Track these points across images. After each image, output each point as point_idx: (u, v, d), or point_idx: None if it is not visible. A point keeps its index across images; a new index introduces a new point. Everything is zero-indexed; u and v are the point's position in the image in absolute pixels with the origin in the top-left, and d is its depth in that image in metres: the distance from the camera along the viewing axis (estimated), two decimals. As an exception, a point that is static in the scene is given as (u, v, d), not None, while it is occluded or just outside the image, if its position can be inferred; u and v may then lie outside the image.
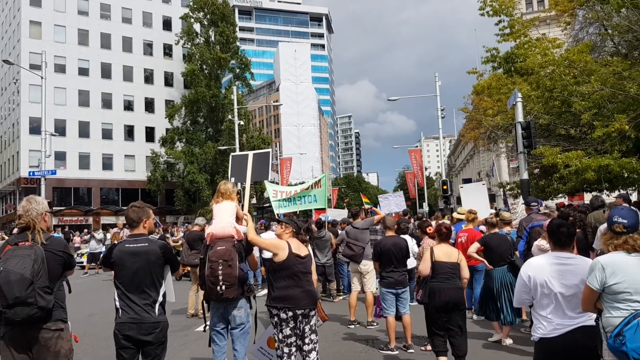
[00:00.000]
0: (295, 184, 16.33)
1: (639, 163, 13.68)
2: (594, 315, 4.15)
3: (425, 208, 48.13)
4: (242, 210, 5.54)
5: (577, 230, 7.80)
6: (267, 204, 40.05)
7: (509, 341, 7.87)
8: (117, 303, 4.49)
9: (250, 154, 6.68)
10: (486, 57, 20.07)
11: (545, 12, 24.46)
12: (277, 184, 46.87)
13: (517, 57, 17.81)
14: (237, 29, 60.35)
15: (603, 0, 15.56)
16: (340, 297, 12.91)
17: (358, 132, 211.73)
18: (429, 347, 7.14)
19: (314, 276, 5.53)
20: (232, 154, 7.09)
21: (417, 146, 59.38)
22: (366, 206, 17.94)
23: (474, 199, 13.35)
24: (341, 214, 19.93)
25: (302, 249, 5.28)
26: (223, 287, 4.99)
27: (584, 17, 20.98)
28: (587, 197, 19.83)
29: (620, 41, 17.86)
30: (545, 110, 16.64)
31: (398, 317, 7.87)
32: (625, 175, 14.67)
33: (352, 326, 9.69)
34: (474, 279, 9.51)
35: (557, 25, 23.84)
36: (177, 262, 4.82)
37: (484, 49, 19.47)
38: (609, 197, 16.45)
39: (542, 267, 4.16)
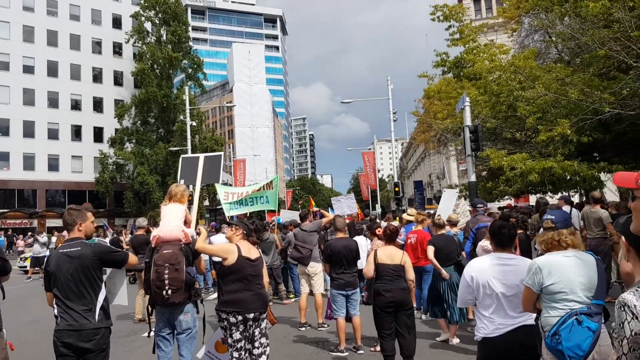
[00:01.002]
0: (249, 186, 16.21)
1: (580, 166, 14.24)
2: (534, 315, 4.29)
3: (378, 209, 48.69)
4: (191, 213, 5.47)
5: (520, 232, 8.05)
6: (220, 206, 39.63)
7: (455, 340, 8.03)
8: (55, 310, 4.34)
9: (202, 156, 6.61)
10: (436, 62, 20.55)
11: (493, 19, 25.16)
12: (231, 185, 46.36)
13: (466, 62, 18.29)
14: (190, 28, 59.44)
15: (547, 8, 16.15)
16: (292, 299, 12.89)
17: (312, 134, 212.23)
18: (378, 348, 7.21)
19: (266, 279, 5.49)
20: (183, 155, 7.00)
21: (370, 148, 59.90)
22: (314, 209, 17.98)
23: (448, 204, 13.52)
24: (293, 215, 19.90)
25: (252, 252, 5.23)
26: (169, 292, 4.89)
27: (529, 25, 21.72)
28: (533, 199, 20.50)
29: (563, 48, 18.58)
30: (492, 115, 17.12)
31: (348, 318, 7.91)
32: (568, 177, 15.24)
33: (303, 328, 9.69)
34: (422, 280, 9.67)
35: (504, 32, 24.60)
36: (120, 259, 4.65)
37: (434, 54, 19.94)
38: (552, 199, 17.06)
39: (484, 267, 4.26)
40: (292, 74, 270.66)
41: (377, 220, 14.83)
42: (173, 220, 5.20)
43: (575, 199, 20.64)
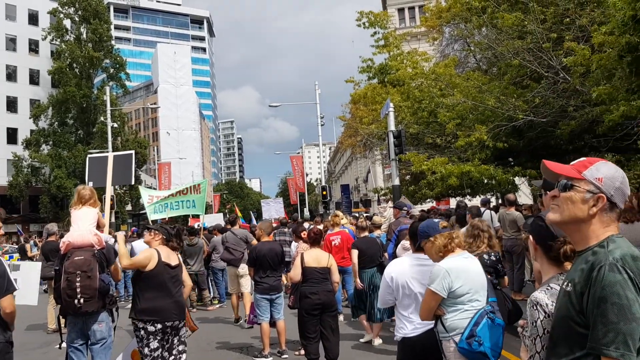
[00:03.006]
0: (174, 190, 15.82)
1: (496, 170, 14.89)
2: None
3: (306, 213, 48.86)
4: (104, 217, 5.23)
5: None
6: (143, 211, 38.43)
7: (378, 341, 8.16)
8: None
9: (110, 155, 6.32)
10: (362, 67, 20.90)
11: (416, 28, 25.92)
12: (155, 189, 45.10)
13: (390, 68, 18.70)
14: (112, 27, 57.37)
15: (466, 19, 16.83)
16: (216, 305, 12.66)
17: (240, 138, 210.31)
18: (302, 352, 7.20)
19: (188, 283, 5.37)
20: (90, 155, 6.68)
21: (299, 152, 60.12)
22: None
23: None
24: (218, 220, 19.58)
25: (172, 258, 5.10)
26: (81, 300, 4.66)
27: (450, 34, 22.56)
28: (453, 202, 21.24)
29: (481, 58, 19.41)
30: (415, 120, 17.60)
31: (272, 323, 7.86)
32: (485, 181, 15.89)
33: (237, 324, 10.26)
34: (343, 280, 9.80)
35: (426, 41, 25.39)
36: None
37: (360, 60, 20.27)
38: (471, 201, 17.75)
39: (404, 268, 4.35)
40: (219, 76, 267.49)
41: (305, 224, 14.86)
42: (84, 225, 4.95)
43: (492, 201, 21.57)
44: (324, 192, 32.46)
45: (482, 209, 11.45)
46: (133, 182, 7.46)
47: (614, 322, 1.77)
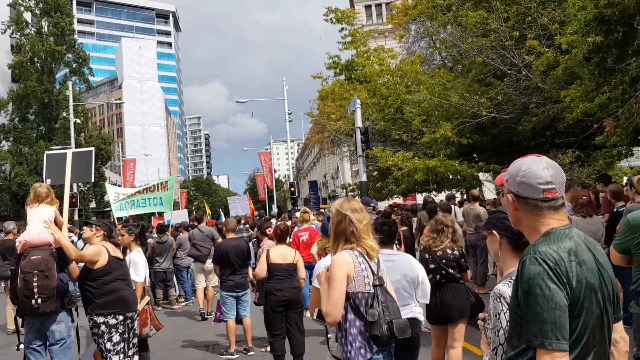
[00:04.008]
0: (140, 187, 15.57)
1: (461, 165, 15.13)
2: (416, 309, 4.47)
3: (275, 209, 48.75)
4: (63, 216, 5.11)
5: (404, 228, 8.38)
6: (108, 208, 37.69)
7: (344, 337, 8.18)
8: None
9: (69, 152, 6.16)
10: (329, 64, 20.92)
11: (383, 25, 26.07)
12: (120, 186, 44.36)
13: (357, 65, 18.78)
14: (75, 20, 56.01)
15: (432, 16, 17.02)
16: (182, 303, 12.53)
17: (208, 134, 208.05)
18: (269, 349, 7.19)
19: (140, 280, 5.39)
20: (47, 152, 6.49)
21: (267, 149, 59.85)
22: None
23: None
24: (184, 216, 19.35)
25: (117, 252, 5.07)
26: (39, 301, 4.55)
27: (416, 32, 22.79)
28: (420, 198, 21.49)
29: (446, 55, 19.68)
30: (381, 117, 17.74)
31: (239, 320, 7.81)
32: (450, 176, 16.14)
33: (201, 316, 10.44)
34: (311, 277, 9.79)
35: (393, 38, 25.60)
36: None
37: (327, 56, 20.28)
38: (436, 197, 17.99)
39: (368, 264, 4.37)
40: (186, 72, 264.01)
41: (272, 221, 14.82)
42: (41, 223, 4.82)
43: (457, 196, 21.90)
44: (292, 189, 32.44)
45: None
46: (93, 180, 7.29)
47: (539, 313, 1.82)
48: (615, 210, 7.31)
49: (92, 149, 6.66)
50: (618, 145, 9.51)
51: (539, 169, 2.00)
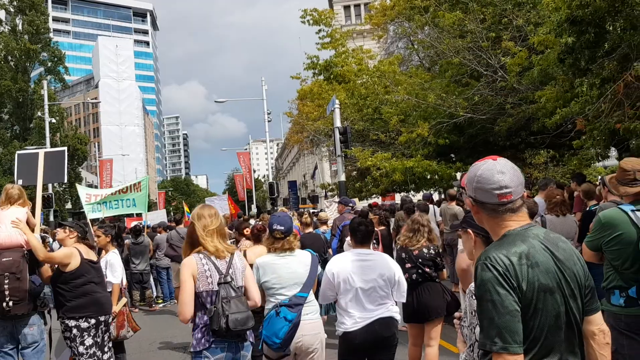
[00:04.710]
0: (113, 188, 15.35)
1: (440, 165, 15.26)
2: (393, 307, 4.50)
3: (254, 209, 48.55)
4: (35, 217, 5.03)
5: (382, 228, 8.43)
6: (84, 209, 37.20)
7: (323, 336, 8.18)
8: None
9: (41, 152, 6.04)
10: (308, 64, 20.92)
11: (361, 26, 26.15)
12: (96, 187, 43.70)
13: (335, 65, 18.82)
14: (50, 19, 55.13)
15: (410, 17, 17.12)
16: (160, 305, 12.42)
17: (186, 134, 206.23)
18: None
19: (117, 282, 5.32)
20: (18, 152, 6.36)
21: (246, 149, 59.55)
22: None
23: None
24: (161, 217, 19.16)
25: (91, 254, 5.00)
26: (10, 303, 4.47)
27: (394, 32, 22.90)
28: (399, 198, 21.63)
29: (424, 56, 19.81)
30: (360, 117, 17.80)
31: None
32: (428, 176, 16.25)
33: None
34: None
35: (372, 38, 25.69)
36: None
37: (306, 56, 20.27)
38: (415, 197, 18.12)
39: (345, 264, 4.40)
40: (164, 71, 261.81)
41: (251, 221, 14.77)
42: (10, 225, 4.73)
43: (435, 196, 22.09)
44: (272, 189, 32.36)
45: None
46: (66, 180, 7.16)
47: (490, 318, 1.86)
48: (588, 209, 7.45)
49: (65, 148, 6.54)
50: (594, 147, 9.66)
51: (493, 174, 2.02)
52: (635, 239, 3.57)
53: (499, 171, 2.01)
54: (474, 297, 2.40)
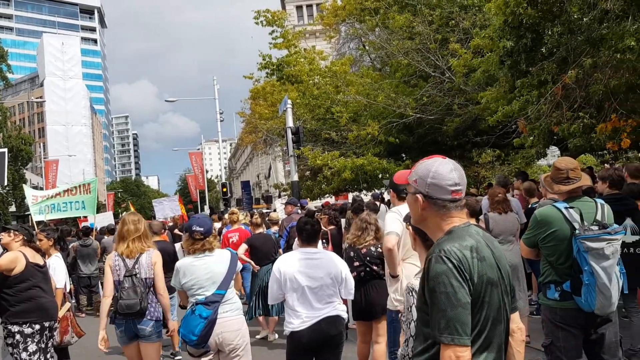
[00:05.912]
0: (59, 189, 14.91)
1: (390, 164, 15.49)
2: (339, 306, 4.56)
3: (207, 210, 47.97)
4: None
5: (331, 227, 8.51)
6: (29, 212, 35.87)
7: (273, 337, 8.21)
8: None
9: None
10: (261, 64, 20.84)
11: (312, 26, 26.22)
12: (42, 189, 42.32)
13: (288, 65, 18.82)
14: (-10, 14, 52.93)
15: (361, 19, 17.31)
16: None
17: (136, 134, 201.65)
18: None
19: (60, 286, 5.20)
20: (-44, 154, 6.14)
21: (198, 149, 58.76)
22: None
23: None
24: (107, 218, 18.67)
25: (37, 258, 4.87)
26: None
27: (345, 33, 23.08)
28: (351, 197, 21.81)
29: (375, 57, 20.06)
30: (312, 117, 17.88)
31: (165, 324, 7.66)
32: (380, 175, 16.47)
33: None
34: (242, 278, 9.73)
35: (324, 39, 25.80)
36: None
37: (259, 56, 20.18)
38: (366, 196, 18.31)
39: (291, 262, 4.43)
40: (113, 69, 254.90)
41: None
42: None
43: (386, 196, 22.39)
44: (224, 189, 32.05)
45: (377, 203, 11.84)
46: (6, 183, 6.93)
47: (443, 310, 1.90)
48: (529, 206, 7.75)
49: (5, 150, 6.34)
50: (534, 146, 10.05)
51: (448, 171, 2.09)
52: (568, 236, 3.74)
53: (452, 169, 2.10)
54: (410, 293, 2.48)
